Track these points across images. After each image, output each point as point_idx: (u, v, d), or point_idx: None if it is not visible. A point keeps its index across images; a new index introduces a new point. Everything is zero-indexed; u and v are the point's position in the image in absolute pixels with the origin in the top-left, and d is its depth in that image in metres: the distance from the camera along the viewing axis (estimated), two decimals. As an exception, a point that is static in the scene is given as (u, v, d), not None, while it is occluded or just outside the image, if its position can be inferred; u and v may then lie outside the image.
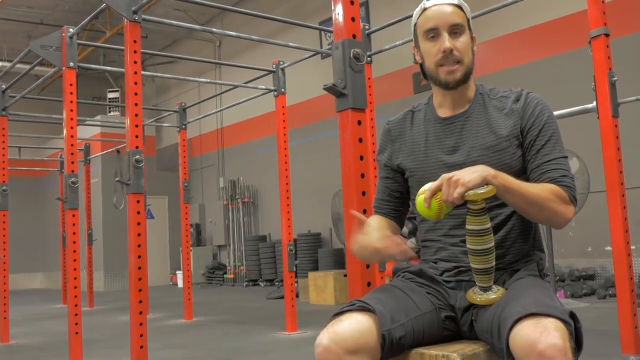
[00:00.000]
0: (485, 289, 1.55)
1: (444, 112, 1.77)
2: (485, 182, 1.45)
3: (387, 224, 1.84)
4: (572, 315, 1.38)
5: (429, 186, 1.50)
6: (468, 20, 1.71)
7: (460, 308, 1.63)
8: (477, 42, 1.77)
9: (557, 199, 1.56)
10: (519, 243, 1.69)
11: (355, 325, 1.46)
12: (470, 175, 1.44)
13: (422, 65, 1.77)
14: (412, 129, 1.82)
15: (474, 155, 1.67)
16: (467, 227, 1.51)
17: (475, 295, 1.56)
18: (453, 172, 1.47)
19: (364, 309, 1.50)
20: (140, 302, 3.60)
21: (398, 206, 1.86)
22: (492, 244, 1.51)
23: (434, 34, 1.68)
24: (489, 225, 1.50)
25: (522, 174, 1.67)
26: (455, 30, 1.67)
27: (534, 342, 1.27)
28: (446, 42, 1.65)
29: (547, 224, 1.64)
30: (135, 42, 3.79)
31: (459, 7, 1.69)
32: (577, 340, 1.37)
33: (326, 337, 1.45)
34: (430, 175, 1.67)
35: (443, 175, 1.47)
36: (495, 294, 1.54)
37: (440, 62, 1.68)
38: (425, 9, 1.71)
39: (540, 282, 1.60)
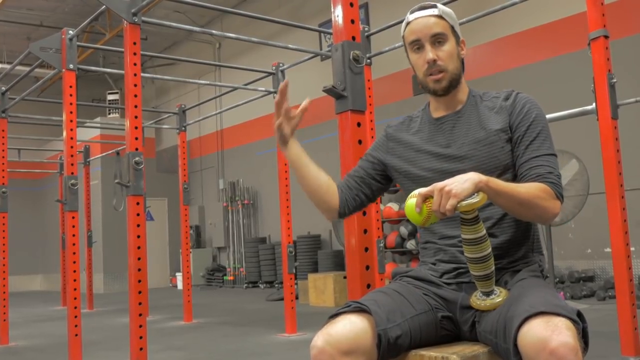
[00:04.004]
0: (488, 293, 1.55)
1: (437, 114, 1.82)
2: (477, 190, 1.44)
3: (332, 188, 1.83)
4: (579, 315, 1.39)
5: (419, 191, 1.49)
6: (452, 27, 1.74)
7: (461, 307, 1.63)
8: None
9: (545, 195, 1.57)
10: (518, 243, 1.70)
11: (349, 327, 1.47)
12: (462, 184, 1.43)
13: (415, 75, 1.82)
14: (408, 132, 1.86)
15: (464, 150, 1.71)
16: (462, 236, 1.51)
17: (479, 301, 1.55)
18: (444, 180, 1.46)
19: (359, 309, 1.50)
20: (140, 303, 3.59)
21: (358, 191, 1.84)
22: (489, 250, 1.51)
23: (417, 45, 1.74)
24: (484, 232, 1.49)
25: (511, 168, 1.69)
26: (437, 40, 1.72)
27: (545, 340, 1.27)
28: (429, 53, 1.71)
29: (535, 220, 1.65)
30: (134, 43, 3.79)
31: (440, 16, 1.73)
32: (583, 339, 1.38)
33: (320, 338, 1.47)
34: (422, 170, 1.74)
35: (434, 184, 1.46)
36: (498, 296, 1.54)
37: (427, 72, 1.73)
38: (408, 22, 1.77)
39: (544, 283, 1.61)
